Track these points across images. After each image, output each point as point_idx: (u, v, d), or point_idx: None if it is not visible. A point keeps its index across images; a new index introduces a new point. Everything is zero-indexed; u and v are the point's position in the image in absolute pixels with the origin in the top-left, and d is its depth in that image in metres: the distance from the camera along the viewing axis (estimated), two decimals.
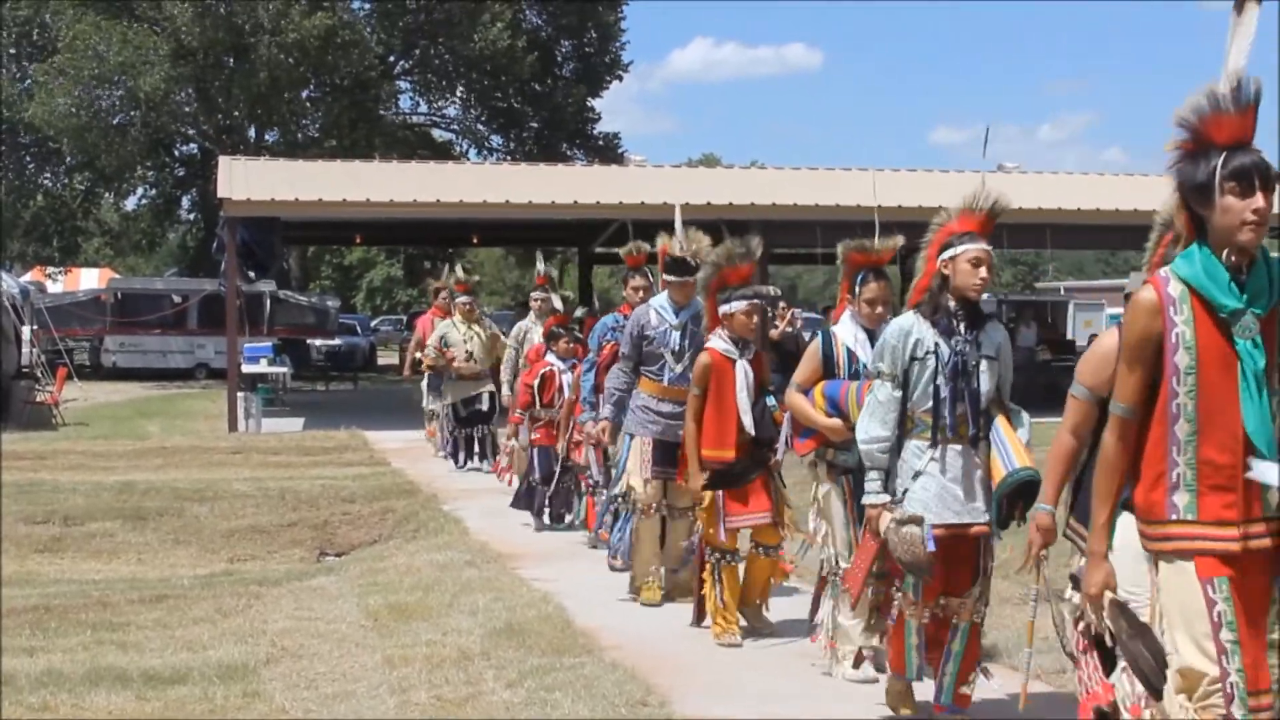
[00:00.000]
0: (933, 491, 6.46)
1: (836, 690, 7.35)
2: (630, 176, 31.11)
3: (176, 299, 40.74)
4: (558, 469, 12.70)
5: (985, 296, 6.76)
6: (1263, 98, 4.43)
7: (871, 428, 6.54)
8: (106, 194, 47.51)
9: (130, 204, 50.56)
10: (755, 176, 31.80)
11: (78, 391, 29.88)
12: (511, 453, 14.12)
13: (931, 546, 6.34)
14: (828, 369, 7.63)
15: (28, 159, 44.03)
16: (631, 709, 6.79)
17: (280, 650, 8.49)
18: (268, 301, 38.79)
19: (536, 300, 15.77)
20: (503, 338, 17.28)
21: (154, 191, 48.69)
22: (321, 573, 12.14)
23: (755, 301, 8.52)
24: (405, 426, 23.07)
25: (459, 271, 18.53)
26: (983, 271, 6.52)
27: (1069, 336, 38.67)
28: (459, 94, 47.59)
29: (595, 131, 48.96)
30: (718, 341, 8.53)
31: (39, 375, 27.35)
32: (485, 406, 17.82)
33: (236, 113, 42.19)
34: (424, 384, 19.39)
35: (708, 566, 8.54)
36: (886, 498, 6.50)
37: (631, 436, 9.66)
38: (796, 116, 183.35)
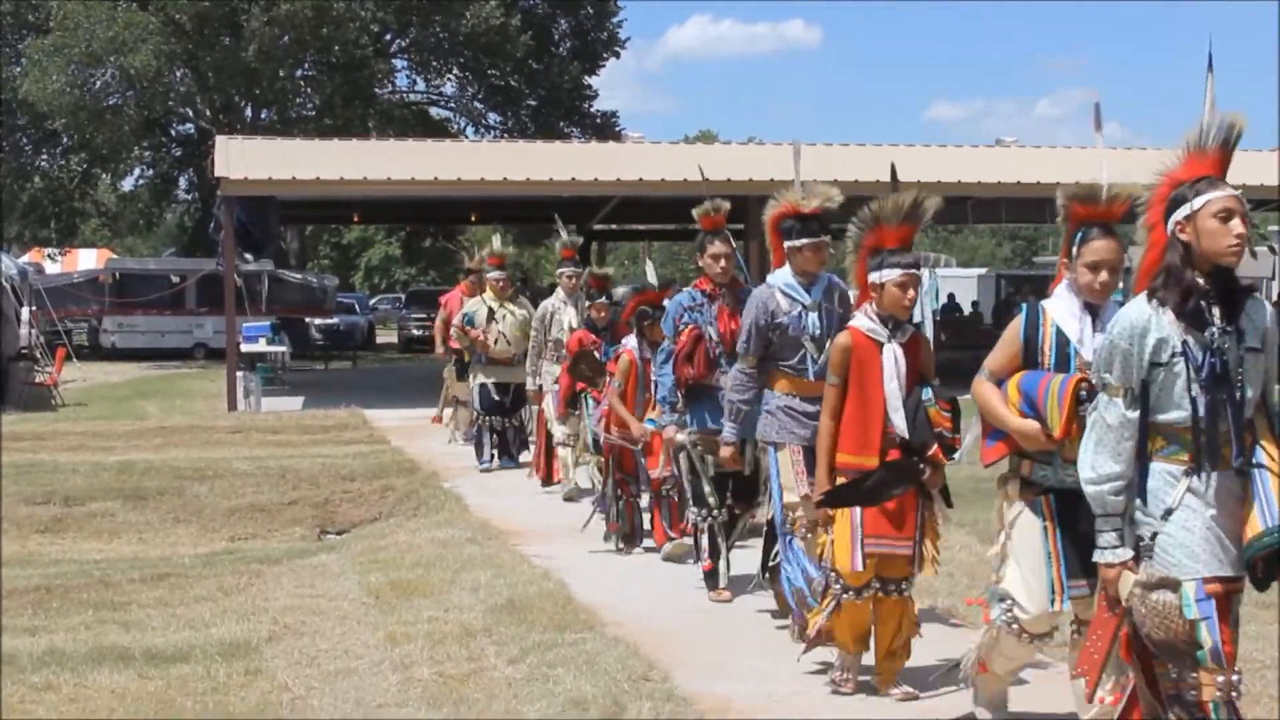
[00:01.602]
0: (1197, 533, 4.89)
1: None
2: (628, 153, 31.12)
3: (174, 279, 40.69)
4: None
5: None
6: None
7: (1101, 462, 4.97)
8: (104, 175, 47.46)
9: (127, 184, 50.59)
10: (753, 152, 31.75)
11: (76, 372, 29.87)
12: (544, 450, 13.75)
13: (1202, 612, 4.84)
14: (1030, 355, 5.93)
15: (25, 141, 43.98)
16: (633, 684, 6.80)
17: (282, 628, 8.51)
18: (266, 281, 38.75)
19: (567, 276, 14.16)
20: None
21: (151, 172, 48.69)
22: (322, 550, 12.15)
23: (913, 271, 6.81)
24: (404, 405, 23.14)
25: (495, 243, 16.33)
26: (1236, 226, 4.91)
27: None
28: (455, 72, 47.52)
29: (593, 109, 48.94)
30: (862, 319, 6.87)
31: (38, 356, 27.33)
32: (511, 401, 15.66)
33: (232, 91, 42.12)
34: (449, 368, 18.17)
35: (828, 596, 6.90)
36: (1128, 554, 4.96)
37: (775, 447, 7.85)
38: (794, 93, 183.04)
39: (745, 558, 9.24)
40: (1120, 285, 5.89)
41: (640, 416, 10.40)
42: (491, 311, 15.53)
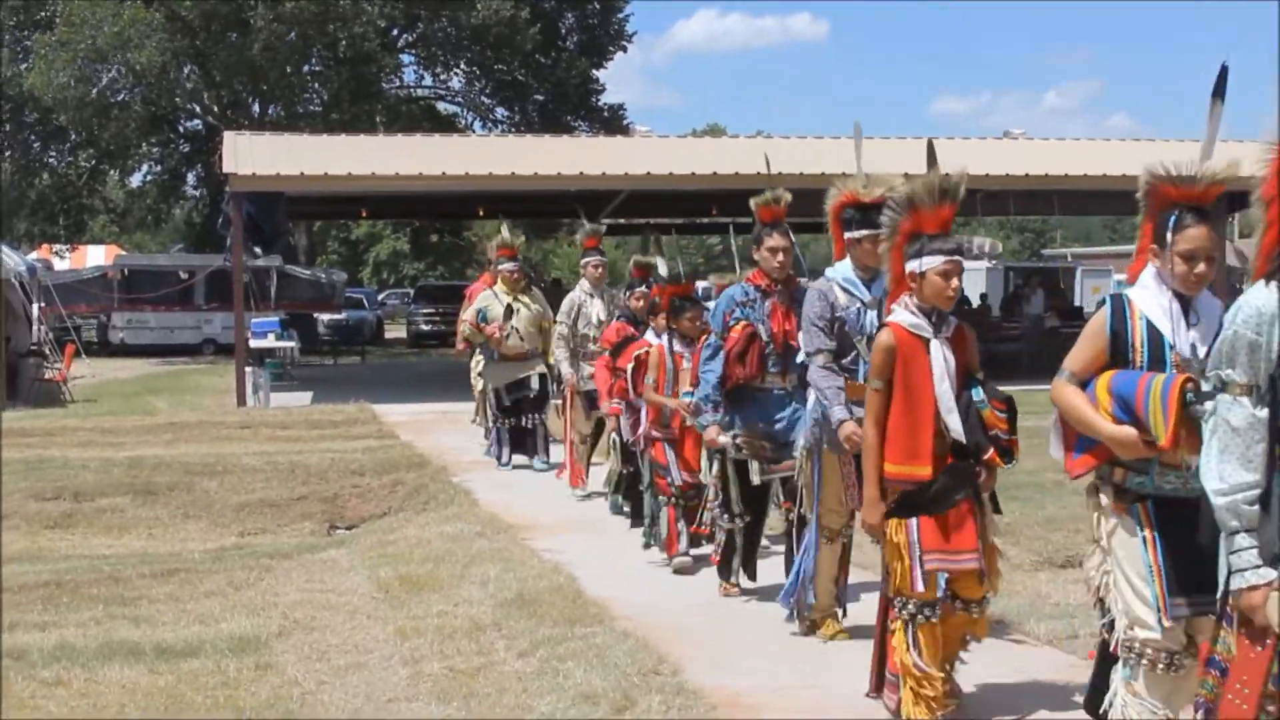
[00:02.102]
0: None
1: (849, 663, 7.35)
2: (635, 147, 31.10)
3: (183, 275, 40.77)
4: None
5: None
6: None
7: (1229, 470, 4.29)
8: (111, 171, 47.52)
9: (135, 181, 50.63)
10: (760, 146, 31.73)
11: (86, 368, 29.90)
12: (572, 448, 13.03)
13: None
14: (1118, 353, 5.27)
15: (33, 138, 44.03)
16: (643, 678, 6.80)
17: (292, 622, 8.51)
18: (274, 276, 38.81)
19: (593, 266, 13.61)
20: (552, 313, 14.63)
21: (159, 168, 48.72)
22: (332, 545, 12.15)
23: (956, 258, 6.18)
24: (413, 399, 23.16)
25: (504, 233, 15.41)
26: None
27: (1077, 303, 38.58)
28: (462, 67, 47.52)
29: (600, 103, 48.92)
30: (903, 314, 6.19)
31: (47, 353, 27.38)
32: (535, 392, 14.99)
33: (239, 87, 42.14)
34: (475, 361, 16.81)
35: (899, 624, 6.23)
36: (1272, 574, 4.21)
37: (820, 454, 7.57)
38: (801, 87, 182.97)
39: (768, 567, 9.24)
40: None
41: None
42: (510, 307, 14.77)
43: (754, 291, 8.41)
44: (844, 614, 7.97)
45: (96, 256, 51.98)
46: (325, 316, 42.49)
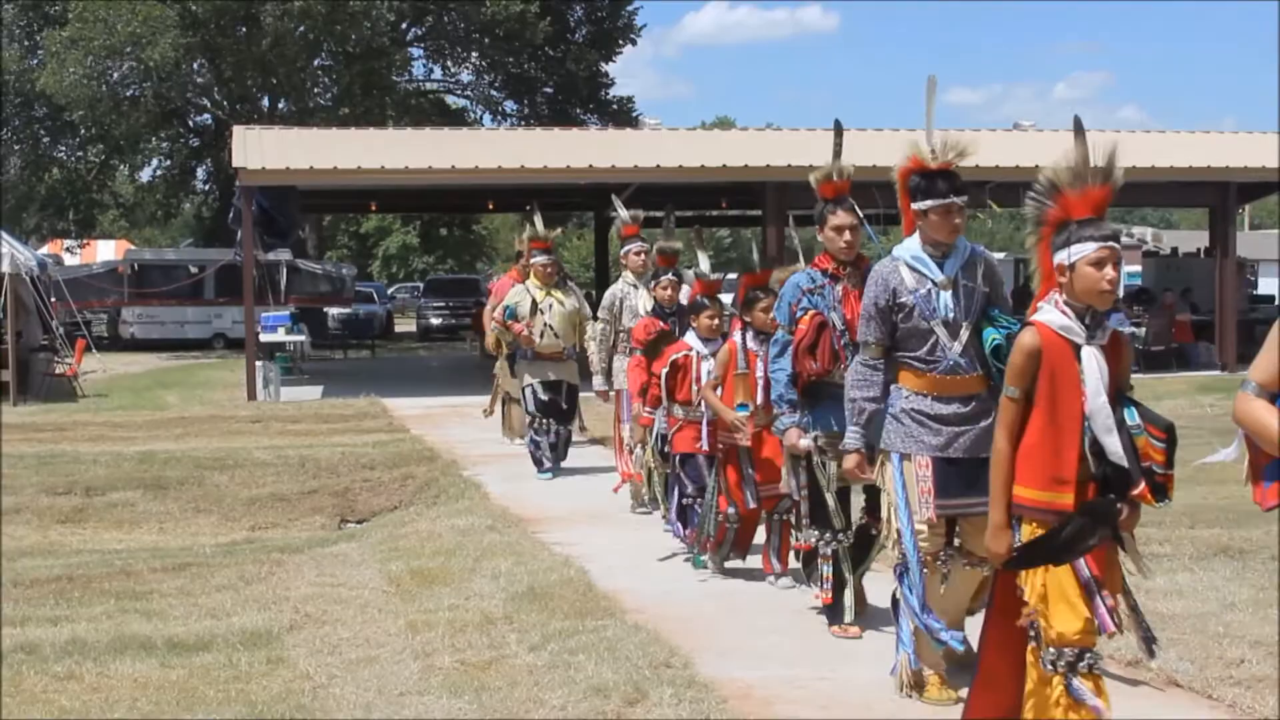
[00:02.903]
0: None
1: (859, 655, 7.34)
2: (645, 140, 31.07)
3: (193, 269, 40.83)
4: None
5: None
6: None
7: None
8: (121, 166, 47.56)
9: (145, 175, 50.66)
10: (770, 138, 31.69)
11: (96, 363, 29.93)
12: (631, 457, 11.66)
13: None
14: None
15: (42, 133, 44.07)
16: (655, 670, 6.79)
17: (303, 616, 8.52)
18: (284, 271, 38.84)
19: (634, 254, 12.53)
20: (589, 309, 14.09)
21: (168, 163, 48.77)
22: (343, 539, 12.17)
23: (1111, 244, 5.24)
24: (423, 393, 23.17)
25: (536, 225, 14.23)
26: None
27: None
28: (472, 60, 47.53)
29: (609, 96, 48.88)
30: (1051, 313, 5.28)
31: (58, 348, 27.41)
32: (564, 403, 14.02)
33: (249, 82, 42.18)
34: (501, 363, 16.08)
35: (1053, 682, 5.24)
36: None
37: (900, 457, 6.48)
38: (811, 79, 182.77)
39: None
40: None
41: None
42: (535, 303, 13.83)
43: (821, 277, 7.55)
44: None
45: (107, 251, 52.05)
46: (335, 310, 42.54)
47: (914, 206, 6.46)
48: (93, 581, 9.96)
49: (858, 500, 7.83)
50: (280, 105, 43.66)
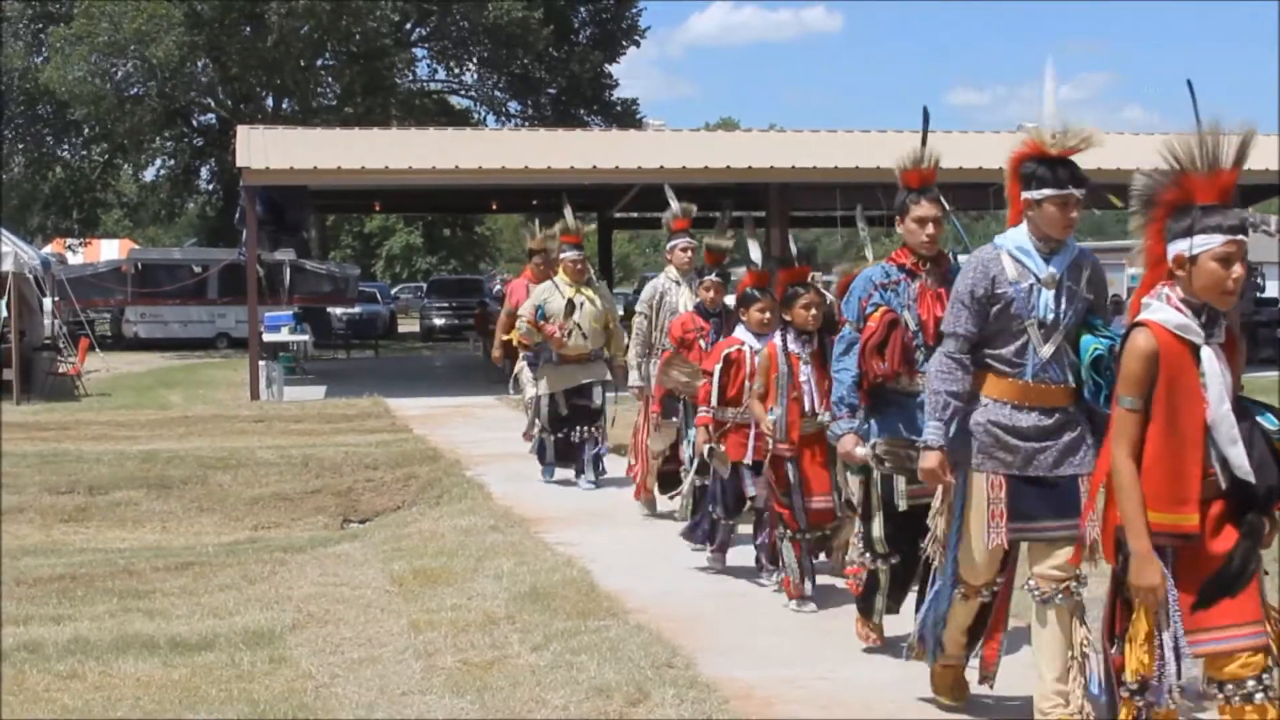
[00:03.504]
0: None
1: (860, 655, 7.34)
2: (649, 141, 31.11)
3: (197, 269, 40.85)
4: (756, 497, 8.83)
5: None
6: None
7: None
8: (125, 165, 47.60)
9: (149, 175, 50.70)
10: (774, 139, 31.71)
11: (100, 362, 29.96)
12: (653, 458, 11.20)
13: None
14: None
15: (46, 131, 44.11)
16: (657, 670, 6.79)
17: (306, 616, 8.52)
18: (288, 270, 38.87)
19: (680, 249, 11.77)
20: (618, 309, 13.42)
21: (172, 162, 48.79)
22: (346, 539, 12.18)
23: (1238, 238, 4.73)
24: (426, 393, 23.18)
25: (567, 219, 13.42)
26: None
27: None
28: (476, 61, 47.55)
29: (613, 98, 48.89)
30: (1165, 310, 4.78)
31: (61, 347, 27.44)
32: (597, 402, 13.23)
33: (253, 81, 42.21)
34: (520, 367, 14.59)
35: (1125, 712, 4.94)
36: None
37: (967, 472, 5.90)
38: (816, 80, 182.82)
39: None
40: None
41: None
42: (572, 302, 12.98)
43: (897, 272, 6.89)
44: (991, 680, 6.31)
45: (110, 251, 52.13)
46: (339, 310, 42.56)
47: (1026, 195, 5.79)
48: (95, 580, 9.97)
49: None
50: (284, 105, 43.70)
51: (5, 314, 23.60)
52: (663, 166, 24.76)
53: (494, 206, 40.65)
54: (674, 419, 10.65)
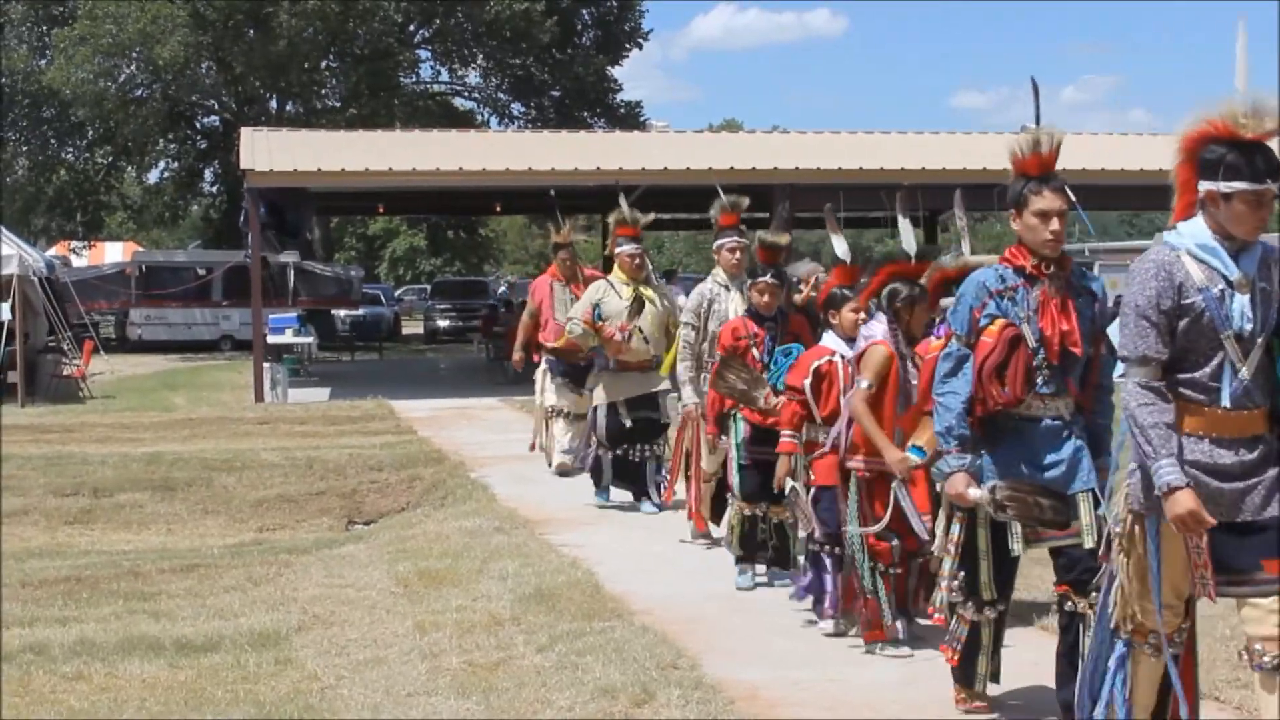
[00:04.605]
0: None
1: (865, 658, 7.33)
2: (653, 142, 31.14)
3: (201, 271, 40.89)
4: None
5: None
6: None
7: None
8: (129, 168, 47.63)
9: (153, 177, 50.72)
10: (778, 141, 31.72)
11: (104, 365, 29.97)
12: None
13: None
14: None
15: (50, 133, 44.15)
16: (662, 672, 6.80)
17: (311, 617, 8.54)
18: (292, 273, 38.89)
19: (728, 250, 10.16)
20: (677, 309, 11.40)
21: (176, 164, 48.83)
22: (350, 540, 12.19)
23: None
24: (430, 395, 23.18)
25: (623, 208, 11.88)
26: None
27: None
28: (479, 62, 47.58)
29: (616, 100, 48.91)
30: None
31: (65, 349, 27.46)
32: (667, 415, 11.78)
33: (257, 83, 42.25)
34: (541, 372, 13.59)
35: None
36: None
37: (1157, 520, 4.99)
38: (819, 82, 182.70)
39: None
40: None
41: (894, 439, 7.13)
42: (641, 300, 11.51)
43: (1014, 276, 5.80)
44: None
45: (114, 253, 52.06)
46: (343, 312, 42.59)
47: (1209, 186, 4.84)
48: (101, 582, 9.99)
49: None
50: (288, 107, 43.74)
51: (9, 317, 23.60)
52: (666, 168, 24.79)
53: (497, 208, 40.66)
54: (725, 438, 9.30)
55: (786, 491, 8.00)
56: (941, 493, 6.04)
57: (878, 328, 7.24)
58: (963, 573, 6.04)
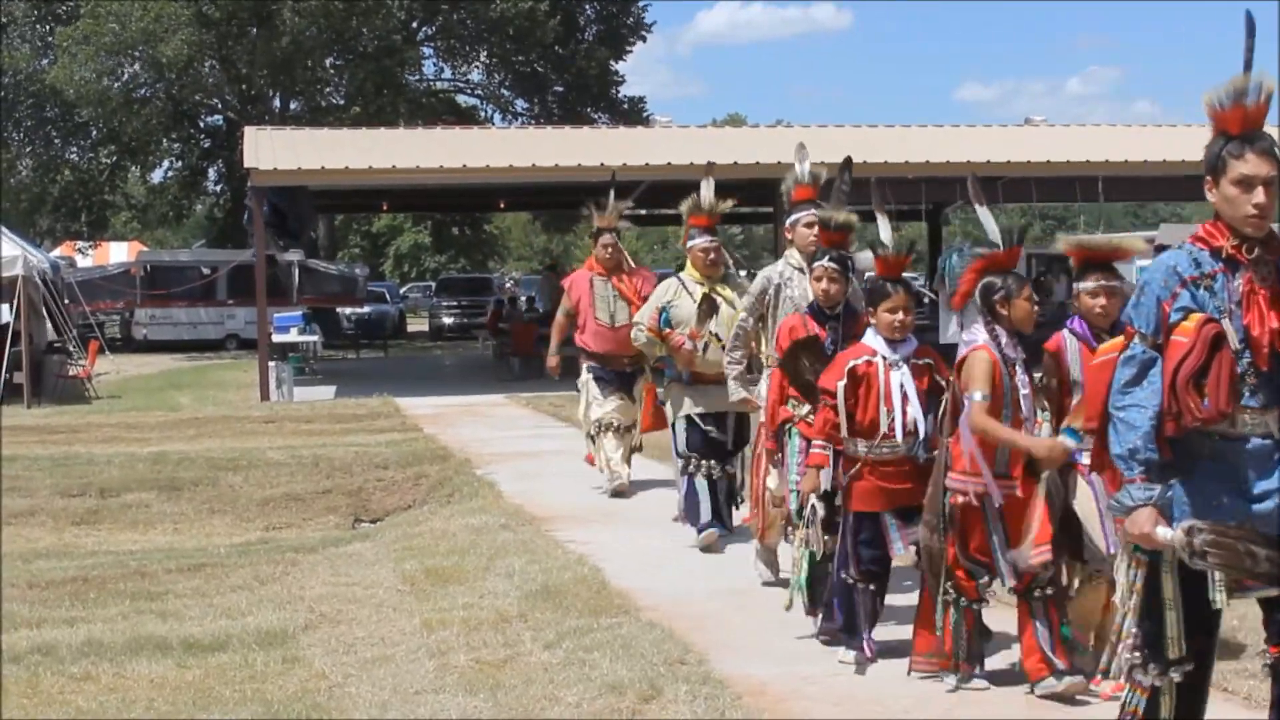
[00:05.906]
0: None
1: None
2: (656, 138, 31.06)
3: (205, 270, 40.90)
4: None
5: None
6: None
7: None
8: (133, 167, 47.64)
9: (157, 177, 50.73)
10: (782, 135, 31.66)
11: (109, 365, 29.98)
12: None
13: None
14: None
15: (54, 134, 44.16)
16: (669, 667, 6.79)
17: (318, 616, 8.54)
18: (296, 271, 38.90)
19: (804, 225, 8.39)
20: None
21: (180, 164, 48.83)
22: (357, 539, 12.19)
23: None
24: (436, 393, 23.16)
25: (704, 193, 10.12)
26: None
27: None
28: (482, 59, 47.58)
29: (620, 95, 48.90)
30: None
31: (70, 349, 27.46)
32: (731, 436, 10.06)
33: (261, 81, 42.25)
34: (584, 378, 12.34)
35: None
36: None
37: None
38: (823, 76, 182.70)
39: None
40: None
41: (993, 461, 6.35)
42: (712, 301, 9.96)
43: (1211, 260, 4.60)
44: None
45: (119, 253, 52.11)
46: (348, 310, 42.60)
47: None
48: (108, 583, 9.99)
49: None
50: (292, 105, 43.74)
51: (10, 317, 23.60)
52: (670, 163, 24.74)
53: (501, 205, 40.67)
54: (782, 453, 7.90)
55: (805, 510, 7.23)
56: (1120, 532, 4.84)
57: (979, 331, 6.39)
58: (1143, 628, 4.76)
